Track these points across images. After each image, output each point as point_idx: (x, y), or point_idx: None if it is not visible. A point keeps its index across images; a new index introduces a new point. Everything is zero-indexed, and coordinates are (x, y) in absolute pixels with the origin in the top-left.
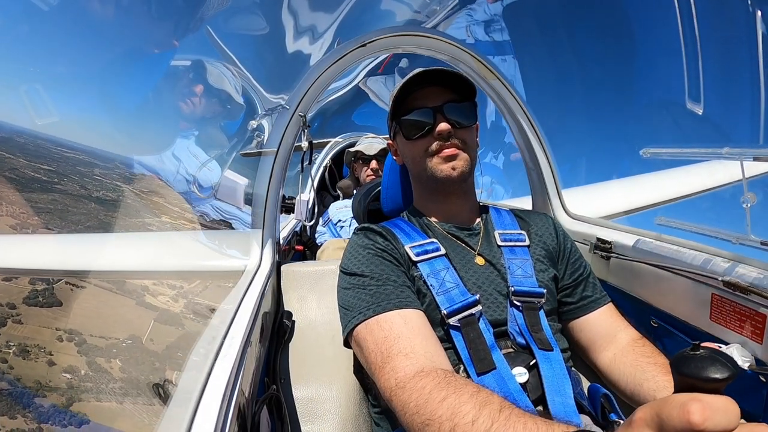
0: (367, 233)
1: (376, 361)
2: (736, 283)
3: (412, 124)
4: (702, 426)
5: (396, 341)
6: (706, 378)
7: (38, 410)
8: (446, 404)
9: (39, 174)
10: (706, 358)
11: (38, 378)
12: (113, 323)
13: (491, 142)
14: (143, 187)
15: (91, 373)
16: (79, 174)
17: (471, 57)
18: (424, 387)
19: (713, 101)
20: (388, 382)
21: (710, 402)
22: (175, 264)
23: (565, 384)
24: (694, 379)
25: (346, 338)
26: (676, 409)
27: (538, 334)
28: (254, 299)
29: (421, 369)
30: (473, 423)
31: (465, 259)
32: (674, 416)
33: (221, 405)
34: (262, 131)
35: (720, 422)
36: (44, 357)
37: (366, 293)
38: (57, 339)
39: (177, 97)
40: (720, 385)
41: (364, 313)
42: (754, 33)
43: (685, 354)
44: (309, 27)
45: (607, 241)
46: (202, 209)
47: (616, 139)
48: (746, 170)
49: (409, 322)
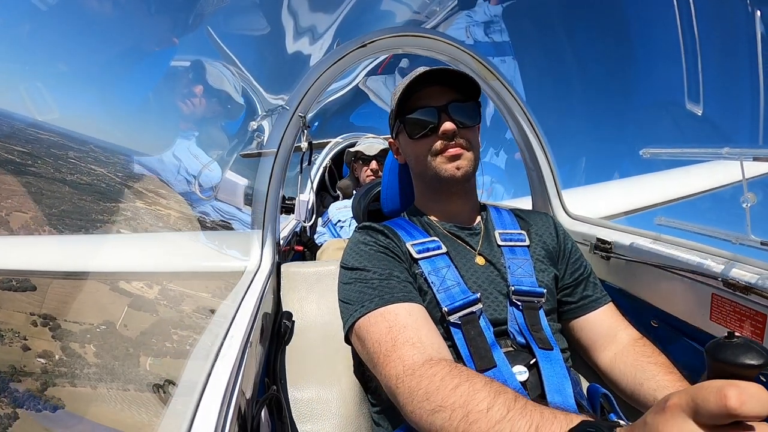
0: (368, 231)
1: (380, 351)
2: (736, 283)
3: (416, 123)
4: (738, 410)
5: (402, 331)
6: (742, 364)
7: (13, 395)
8: (459, 391)
9: (13, 156)
10: (741, 345)
11: (13, 363)
12: (87, 308)
13: (492, 141)
14: (131, 179)
15: (65, 358)
16: (54, 156)
17: (471, 57)
18: (435, 374)
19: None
20: (395, 369)
21: (746, 387)
22: (175, 264)
23: (565, 383)
24: (729, 365)
25: (347, 333)
26: (713, 394)
27: (538, 334)
28: (254, 300)
29: (430, 358)
30: (488, 410)
31: (465, 258)
32: (711, 401)
33: (221, 405)
34: (261, 132)
35: (754, 408)
36: (18, 342)
37: (368, 287)
38: (31, 324)
39: (177, 97)
40: (754, 371)
41: (367, 306)
42: (754, 33)
43: (720, 341)
44: (309, 27)
45: (607, 241)
46: (203, 209)
47: (615, 139)
48: (746, 170)
49: (413, 314)
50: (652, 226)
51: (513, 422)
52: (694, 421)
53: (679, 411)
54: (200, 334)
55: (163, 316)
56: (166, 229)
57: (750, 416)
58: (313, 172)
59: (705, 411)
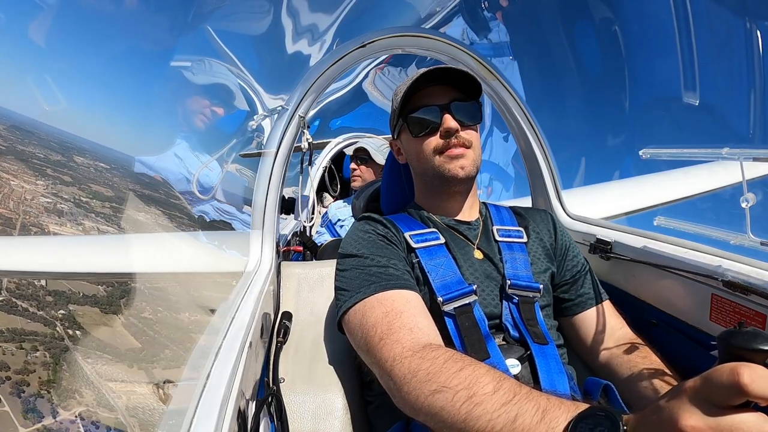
0: (367, 220)
1: (375, 335)
2: (736, 283)
3: (418, 121)
4: (749, 387)
5: (398, 316)
6: (755, 348)
7: None
8: (464, 374)
9: None
10: (752, 332)
11: None
12: None
13: (492, 141)
14: None
15: None
16: None
17: (471, 57)
18: (437, 357)
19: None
20: (392, 351)
21: (756, 369)
22: (175, 265)
23: (560, 377)
24: (742, 349)
25: (341, 318)
26: (726, 373)
27: (533, 328)
28: (254, 299)
29: (429, 342)
30: (494, 393)
31: (464, 251)
32: (724, 379)
33: (221, 405)
34: (261, 132)
35: (764, 387)
36: None
37: (365, 273)
38: None
39: (176, 97)
40: (764, 356)
41: (363, 292)
42: (753, 33)
43: (732, 330)
44: (309, 27)
45: (606, 241)
46: (202, 209)
47: (615, 140)
48: (746, 171)
49: (411, 301)
50: (651, 227)
51: (520, 405)
52: (707, 401)
53: (694, 393)
54: (200, 333)
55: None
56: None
57: (760, 396)
58: (313, 172)
59: (719, 390)
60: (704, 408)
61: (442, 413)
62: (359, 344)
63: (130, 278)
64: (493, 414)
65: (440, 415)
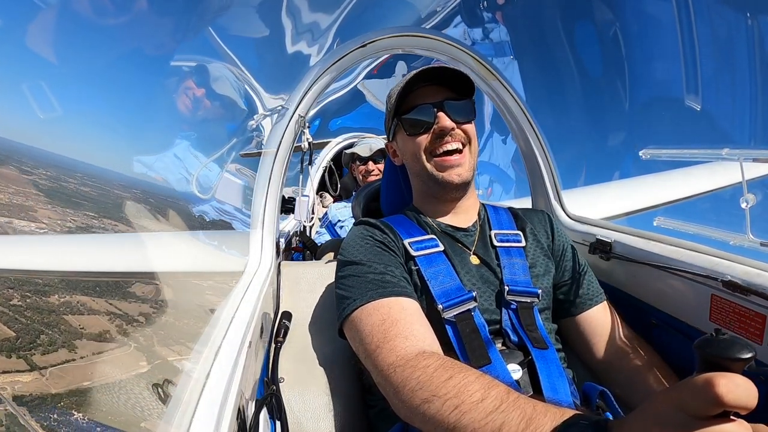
0: (366, 226)
1: (372, 342)
2: (735, 283)
3: (413, 121)
4: (726, 398)
5: (394, 325)
6: (731, 357)
7: None
8: (452, 383)
9: None
10: (729, 340)
11: None
12: None
13: (492, 141)
14: None
15: None
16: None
17: (471, 58)
18: (428, 366)
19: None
20: (387, 360)
21: (733, 378)
22: (175, 265)
23: (560, 382)
24: (719, 358)
25: (341, 325)
26: (701, 384)
27: (533, 333)
28: (254, 299)
29: (423, 350)
30: (481, 401)
31: (461, 257)
32: (699, 391)
33: (221, 405)
34: (261, 132)
35: (741, 397)
36: None
37: (363, 280)
38: None
39: (176, 97)
40: (741, 364)
41: (361, 299)
42: (753, 33)
43: (708, 337)
44: (309, 28)
45: (606, 241)
46: (202, 209)
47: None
48: (746, 171)
49: (407, 309)
50: (651, 227)
51: (506, 413)
52: (685, 412)
53: (670, 403)
54: (200, 333)
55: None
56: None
57: (736, 406)
58: (313, 171)
59: (695, 400)
60: (681, 420)
61: (434, 421)
62: (358, 351)
63: (130, 278)
64: (480, 422)
65: (432, 423)
